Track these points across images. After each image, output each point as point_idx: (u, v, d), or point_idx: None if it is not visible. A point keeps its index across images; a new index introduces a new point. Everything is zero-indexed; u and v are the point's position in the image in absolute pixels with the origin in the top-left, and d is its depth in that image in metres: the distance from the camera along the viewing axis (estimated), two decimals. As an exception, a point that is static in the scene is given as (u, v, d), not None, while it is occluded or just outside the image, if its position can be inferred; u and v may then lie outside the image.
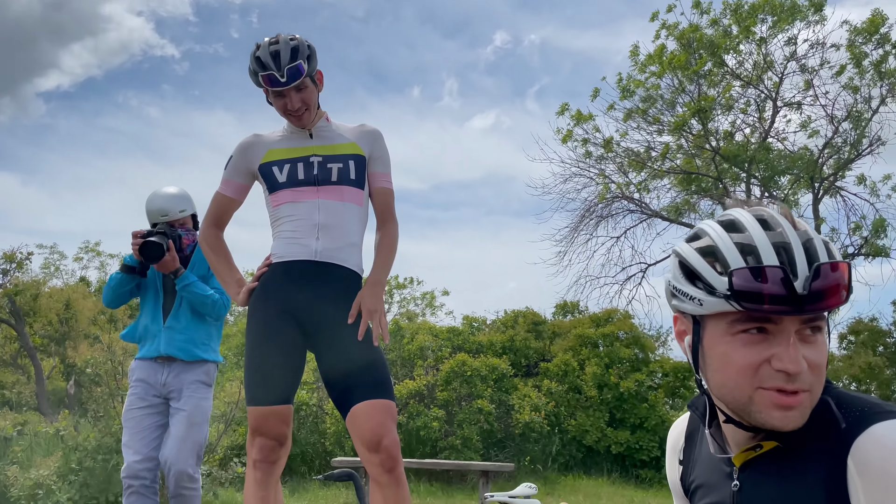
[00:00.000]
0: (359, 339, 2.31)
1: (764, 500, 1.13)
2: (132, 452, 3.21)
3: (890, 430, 0.99)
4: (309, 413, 12.39)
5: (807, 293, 0.99)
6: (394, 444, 2.21)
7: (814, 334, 1.04)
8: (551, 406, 13.11)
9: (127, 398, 3.39)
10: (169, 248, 3.29)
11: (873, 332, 15.32)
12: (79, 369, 10.45)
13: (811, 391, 1.04)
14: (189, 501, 3.18)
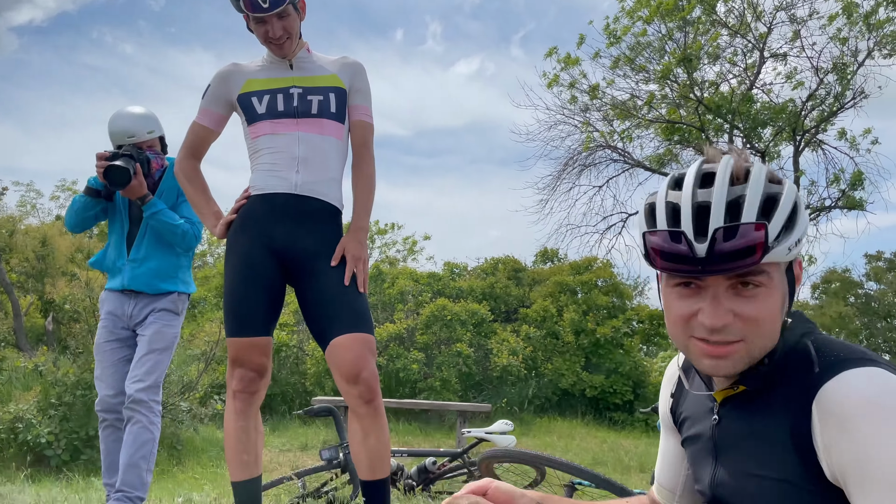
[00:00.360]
0: (345, 284, 2.30)
1: (737, 435, 1.17)
2: (105, 386, 3.12)
3: (857, 376, 1.01)
4: (289, 354, 12.50)
5: (706, 256, 1.03)
6: (372, 377, 2.24)
7: (750, 288, 1.06)
8: (529, 350, 13.32)
9: (97, 330, 3.28)
10: (136, 172, 3.06)
11: (845, 282, 15.63)
12: (57, 306, 10.40)
13: (745, 341, 1.08)
14: (141, 431, 2.97)
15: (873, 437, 0.98)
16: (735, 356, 1.09)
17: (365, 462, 2.25)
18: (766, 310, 1.07)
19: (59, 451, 6.42)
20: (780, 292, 1.09)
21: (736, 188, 1.07)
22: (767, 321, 1.08)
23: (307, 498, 3.73)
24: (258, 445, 2.35)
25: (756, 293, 1.07)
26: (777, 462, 1.09)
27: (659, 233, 1.08)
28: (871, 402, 0.99)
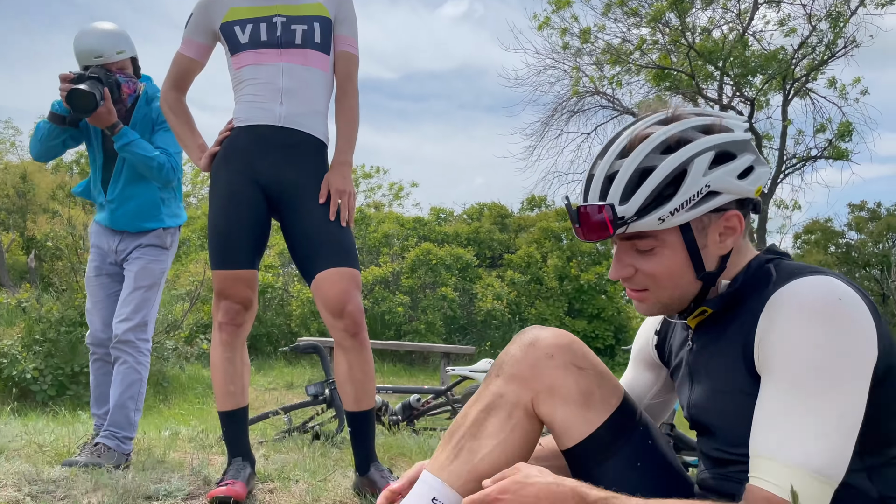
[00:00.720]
0: (330, 219, 2.29)
1: (706, 356, 1.24)
2: (95, 321, 3.07)
3: (805, 281, 1.07)
4: (274, 296, 12.54)
5: (581, 228, 1.18)
6: (358, 311, 2.25)
7: (648, 248, 1.18)
8: (513, 295, 13.45)
9: (88, 263, 3.19)
10: (104, 97, 2.75)
11: (826, 232, 15.80)
12: (39, 243, 10.31)
13: (650, 291, 1.21)
14: (128, 372, 2.90)
15: (793, 331, 1.04)
16: (647, 302, 1.22)
17: (350, 394, 2.28)
18: (661, 267, 1.17)
19: (45, 387, 6.46)
20: (678, 252, 1.17)
21: (617, 162, 1.17)
22: (665, 277, 1.18)
23: (293, 432, 3.79)
24: (244, 377, 2.36)
25: (651, 252, 1.17)
26: (733, 374, 1.15)
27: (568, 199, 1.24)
28: (805, 301, 1.06)
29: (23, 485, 2.20)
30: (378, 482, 2.25)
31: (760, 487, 1.03)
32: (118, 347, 2.90)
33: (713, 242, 1.18)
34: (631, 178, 1.15)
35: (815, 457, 1.00)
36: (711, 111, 1.25)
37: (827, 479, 1.00)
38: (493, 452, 1.28)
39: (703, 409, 1.24)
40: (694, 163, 1.14)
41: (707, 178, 1.14)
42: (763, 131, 15.32)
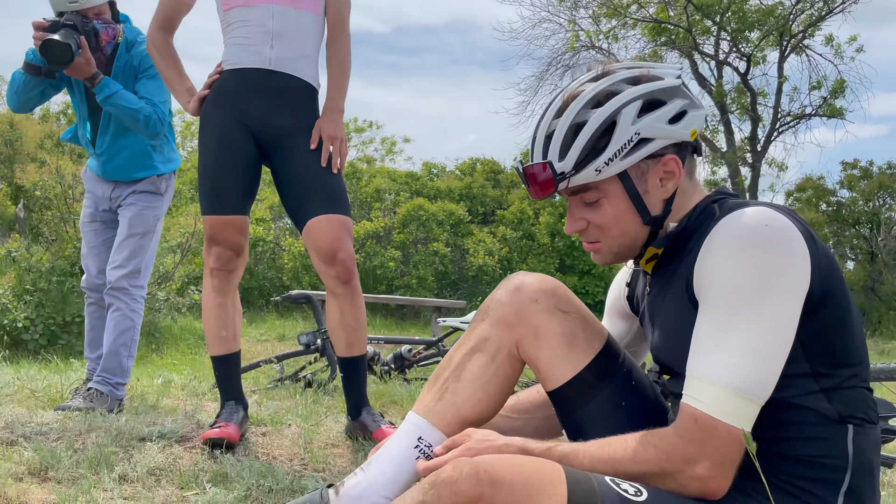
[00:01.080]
0: (322, 165, 2.26)
1: (660, 299, 1.28)
2: (90, 266, 3.06)
3: (744, 212, 1.11)
4: (266, 249, 12.51)
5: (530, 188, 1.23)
6: (349, 258, 2.24)
7: (594, 200, 1.24)
8: (505, 251, 13.47)
9: (82, 209, 3.14)
10: (81, 46, 2.61)
11: (818, 189, 15.83)
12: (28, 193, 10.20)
13: (601, 242, 1.26)
14: (122, 319, 2.87)
15: (721, 258, 1.09)
16: (601, 252, 1.28)
17: (342, 340, 2.29)
18: (608, 217, 1.23)
19: (37, 336, 6.47)
20: (620, 200, 1.23)
21: (554, 121, 1.23)
22: (612, 226, 1.24)
23: (285, 381, 3.82)
24: (236, 322, 2.37)
25: (597, 203, 1.23)
26: (680, 311, 1.19)
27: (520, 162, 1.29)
28: (733, 229, 1.10)
29: (16, 427, 2.22)
30: (369, 426, 2.28)
31: (688, 404, 1.09)
32: (111, 294, 2.89)
33: (654, 187, 1.23)
34: (566, 136, 1.21)
35: (740, 376, 1.05)
36: (643, 63, 1.29)
37: (751, 398, 1.06)
38: (476, 394, 1.34)
39: (662, 350, 1.29)
40: (622, 113, 1.19)
41: (636, 127, 1.19)
42: (759, 88, 15.22)
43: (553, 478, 1.05)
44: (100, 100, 2.76)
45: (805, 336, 1.09)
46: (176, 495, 1.69)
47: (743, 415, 1.06)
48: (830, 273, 1.11)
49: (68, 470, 1.80)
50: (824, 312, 1.10)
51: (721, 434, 1.06)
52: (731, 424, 1.05)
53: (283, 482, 1.79)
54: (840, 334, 1.11)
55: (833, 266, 1.12)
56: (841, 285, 1.12)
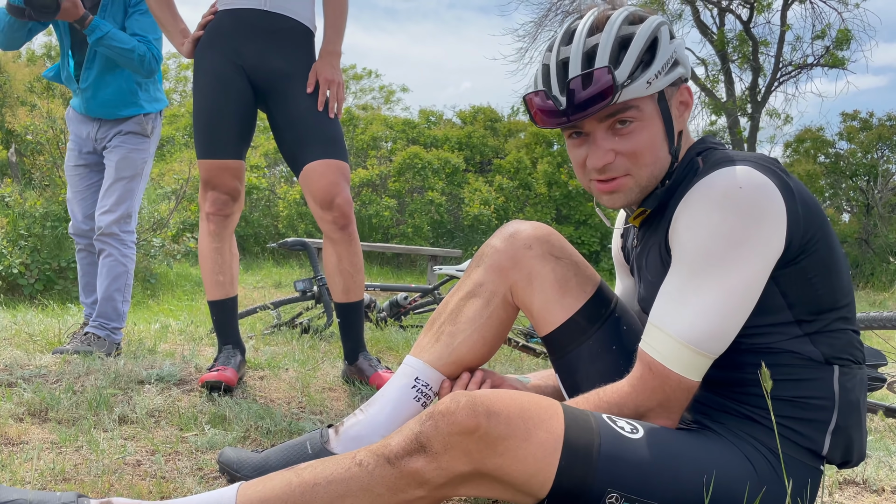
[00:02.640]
0: (318, 109, 2.23)
1: (644, 253, 1.30)
2: (76, 212, 3.01)
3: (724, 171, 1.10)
4: (261, 197, 12.45)
5: (567, 106, 1.16)
6: (346, 203, 2.23)
7: (626, 126, 1.18)
8: (501, 201, 13.43)
9: (66, 152, 3.05)
10: None
11: (817, 141, 15.72)
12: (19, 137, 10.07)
13: (630, 175, 1.20)
14: (114, 265, 2.87)
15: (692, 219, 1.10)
16: (625, 188, 1.21)
17: (340, 285, 2.30)
18: (642, 142, 1.19)
19: (32, 281, 6.46)
20: (656, 123, 1.20)
21: (592, 38, 1.18)
22: (646, 152, 1.19)
23: (282, 327, 3.84)
24: (233, 267, 2.36)
25: (631, 129, 1.18)
26: (658, 267, 1.22)
27: (534, 93, 1.22)
28: (708, 190, 1.10)
29: (15, 369, 2.24)
30: (366, 370, 2.30)
31: (644, 351, 1.15)
32: (102, 240, 2.87)
33: (675, 116, 1.23)
34: (613, 48, 1.17)
35: (696, 331, 1.09)
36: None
37: (704, 353, 1.10)
38: (472, 337, 1.38)
39: (647, 302, 1.31)
40: (661, 31, 1.20)
41: (672, 47, 1.20)
42: (760, 37, 14.97)
43: (550, 412, 1.07)
44: (91, 41, 2.71)
45: (786, 286, 1.11)
46: (175, 435, 1.71)
47: (694, 367, 1.11)
48: (811, 222, 1.11)
49: (68, 411, 1.82)
50: (805, 261, 1.11)
51: (672, 382, 1.12)
52: (682, 375, 1.11)
53: (281, 424, 1.81)
54: (823, 280, 1.13)
55: (815, 214, 1.12)
56: (823, 231, 1.13)
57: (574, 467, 1.04)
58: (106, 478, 1.41)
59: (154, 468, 1.50)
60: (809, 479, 1.13)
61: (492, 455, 1.02)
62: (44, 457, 1.51)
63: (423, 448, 1.03)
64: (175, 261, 7.67)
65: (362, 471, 1.05)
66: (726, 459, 1.09)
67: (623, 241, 1.53)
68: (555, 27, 15.68)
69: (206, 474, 1.49)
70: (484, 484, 1.06)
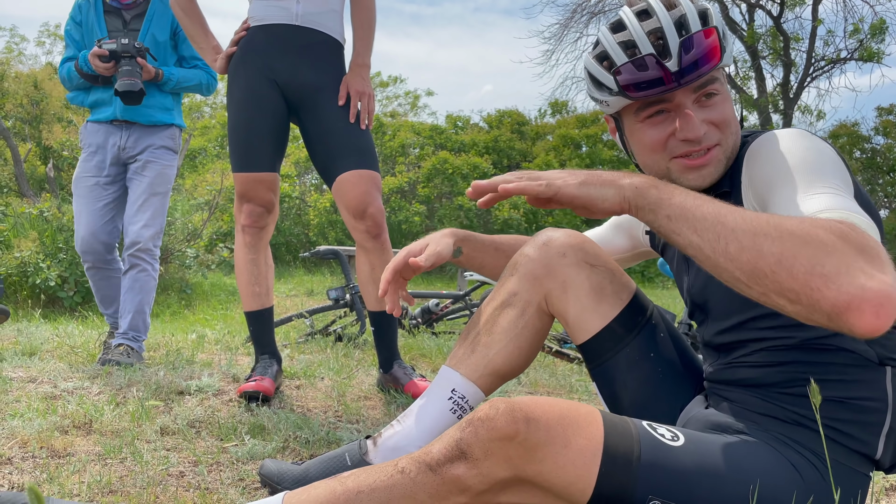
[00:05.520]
0: (350, 121, 2.25)
1: None
2: (84, 225, 2.95)
3: (773, 131, 1.15)
4: (292, 205, 12.58)
5: (679, 69, 1.14)
6: (379, 212, 2.25)
7: (710, 98, 1.19)
8: (529, 205, 13.39)
9: (79, 164, 3.01)
10: (143, 68, 2.87)
11: (853, 136, 15.43)
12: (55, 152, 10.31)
13: (720, 145, 1.19)
14: (144, 279, 2.93)
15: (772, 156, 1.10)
16: (714, 161, 1.19)
17: (373, 294, 2.31)
18: (727, 112, 1.20)
19: (71, 294, 6.60)
20: (728, 97, 1.21)
21: (673, 11, 1.17)
22: (732, 122, 1.20)
23: (316, 335, 3.88)
24: (268, 278, 2.39)
25: (715, 101, 1.19)
26: None
27: (626, 66, 1.17)
28: (775, 136, 1.13)
29: (59, 381, 2.29)
30: (401, 378, 2.31)
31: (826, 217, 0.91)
32: (139, 255, 2.91)
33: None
34: (700, 18, 1.17)
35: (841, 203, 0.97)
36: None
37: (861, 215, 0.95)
38: (507, 347, 1.37)
39: (701, 288, 1.27)
40: (717, 14, 1.19)
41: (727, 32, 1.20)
42: (792, 32, 14.74)
43: (589, 419, 1.06)
44: (168, 90, 3.02)
45: None
46: (216, 446, 1.73)
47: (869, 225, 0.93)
48: (866, 202, 1.10)
49: (111, 422, 1.85)
50: None
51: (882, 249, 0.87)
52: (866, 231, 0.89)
53: (319, 433, 1.83)
54: None
55: (867, 198, 1.11)
56: (876, 219, 1.10)
57: (614, 474, 1.03)
58: (151, 490, 1.43)
59: (197, 479, 1.52)
60: (859, 485, 1.11)
61: (531, 461, 1.02)
62: (90, 469, 1.54)
63: (464, 454, 1.04)
64: (209, 271, 7.79)
65: (405, 478, 1.06)
66: (771, 467, 1.08)
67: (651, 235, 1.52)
68: (580, 29, 15.63)
69: (248, 485, 1.51)
70: (525, 491, 1.06)
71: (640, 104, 1.21)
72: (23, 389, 2.17)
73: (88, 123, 3.07)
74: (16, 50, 20.14)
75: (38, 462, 1.56)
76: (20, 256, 6.62)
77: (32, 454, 1.61)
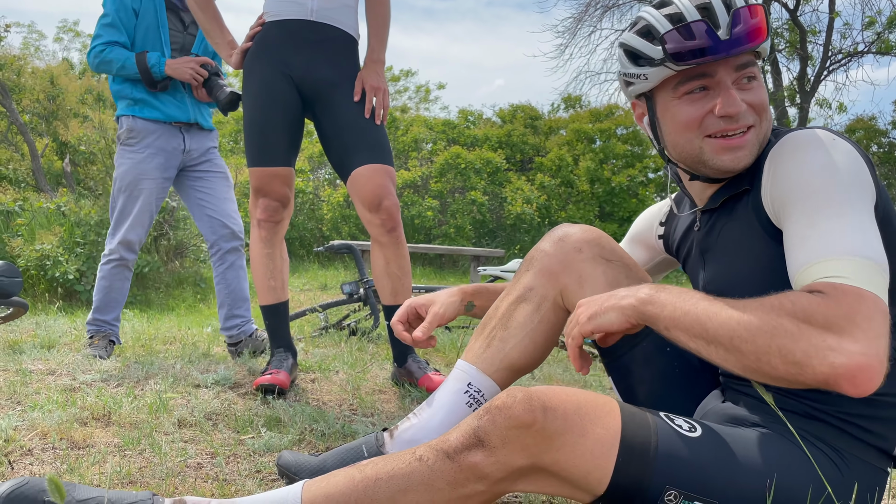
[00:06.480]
0: (365, 116, 2.26)
1: (716, 232, 1.27)
2: (142, 225, 2.94)
3: (800, 132, 1.12)
4: (306, 200, 12.62)
5: (729, 38, 1.14)
6: (394, 206, 2.25)
7: (749, 82, 1.19)
8: (543, 199, 13.36)
9: (134, 163, 2.89)
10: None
11: (870, 130, 15.26)
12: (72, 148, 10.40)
13: (756, 126, 1.18)
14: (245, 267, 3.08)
15: (796, 165, 1.08)
16: (748, 143, 1.18)
17: (388, 288, 2.32)
18: (764, 96, 1.20)
19: (89, 287, 6.67)
20: (763, 85, 1.22)
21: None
22: (768, 108, 1.20)
23: (330, 329, 3.89)
24: (284, 272, 2.41)
25: (753, 85, 1.19)
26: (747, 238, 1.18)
27: (671, 35, 1.16)
28: (800, 141, 1.11)
29: (77, 374, 2.32)
30: (415, 372, 2.32)
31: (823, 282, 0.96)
32: (239, 249, 3.06)
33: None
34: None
35: (861, 245, 0.98)
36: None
37: (880, 266, 0.97)
38: (523, 342, 1.37)
39: (718, 285, 1.27)
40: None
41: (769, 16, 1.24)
42: (808, 25, 14.59)
43: (607, 409, 1.07)
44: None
45: None
46: (233, 439, 1.75)
47: (880, 284, 0.96)
48: (887, 203, 1.10)
49: (129, 415, 1.87)
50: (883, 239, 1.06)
51: (868, 302, 0.92)
52: (875, 293, 0.94)
53: (335, 426, 1.84)
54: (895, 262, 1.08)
55: (888, 198, 1.11)
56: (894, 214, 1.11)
57: (631, 464, 1.03)
58: (170, 480, 1.45)
59: (215, 471, 1.54)
60: (876, 480, 1.10)
61: (549, 450, 1.03)
62: (109, 460, 1.56)
63: (482, 442, 1.04)
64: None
65: (422, 465, 1.07)
66: (788, 461, 1.07)
67: (665, 227, 1.52)
68: (594, 22, 15.53)
69: (265, 476, 1.52)
70: (542, 479, 1.07)
71: (681, 78, 1.19)
72: (42, 381, 2.20)
73: (139, 119, 2.93)
74: (33, 46, 20.32)
75: (59, 453, 1.59)
76: (41, 249, 6.69)
77: (53, 445, 1.63)
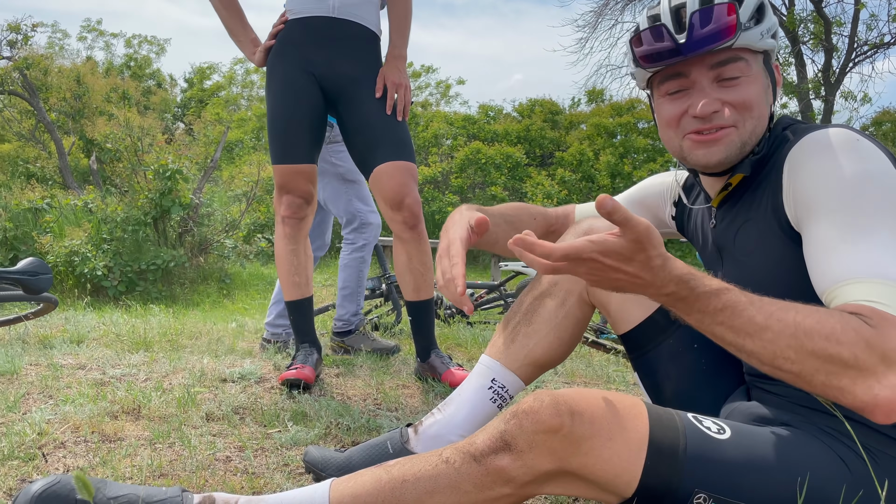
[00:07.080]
0: (387, 112, 2.27)
1: (733, 229, 1.24)
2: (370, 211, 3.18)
3: (821, 132, 1.09)
4: (326, 196, 12.70)
5: (686, 41, 1.14)
6: (416, 203, 2.26)
7: (734, 80, 1.16)
8: (564, 194, 13.32)
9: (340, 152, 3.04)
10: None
11: (896, 123, 15.02)
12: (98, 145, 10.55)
13: (737, 126, 1.16)
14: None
15: (821, 168, 1.04)
16: (726, 140, 1.17)
17: (410, 284, 2.34)
18: (750, 93, 1.16)
19: (115, 283, 6.77)
20: (762, 81, 1.18)
21: None
22: (754, 104, 1.16)
23: (352, 324, 3.91)
24: (308, 268, 2.43)
25: (739, 81, 1.16)
26: (765, 238, 1.16)
27: (642, 36, 1.19)
28: (824, 141, 1.07)
29: (107, 368, 2.36)
30: (438, 367, 2.33)
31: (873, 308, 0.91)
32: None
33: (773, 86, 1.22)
34: None
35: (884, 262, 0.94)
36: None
37: None
38: (547, 337, 1.37)
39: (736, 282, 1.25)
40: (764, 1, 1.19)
41: (774, 20, 1.18)
42: (833, 16, 14.36)
43: (635, 412, 1.06)
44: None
45: None
46: (260, 432, 1.78)
47: None
48: None
49: (159, 408, 1.91)
50: None
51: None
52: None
53: (360, 421, 1.86)
54: None
55: None
56: None
57: (660, 467, 1.03)
58: (200, 473, 1.48)
59: (244, 464, 1.57)
60: None
61: (576, 454, 1.02)
62: (140, 453, 1.59)
63: (508, 446, 1.04)
64: (248, 261, 7.90)
65: (449, 468, 1.07)
66: (819, 460, 1.06)
67: (678, 212, 1.50)
68: (615, 16, 15.42)
69: (293, 470, 1.54)
70: (569, 482, 1.06)
71: (661, 78, 1.21)
72: (73, 376, 2.24)
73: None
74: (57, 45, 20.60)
75: (91, 446, 1.62)
76: (69, 245, 6.80)
77: (84, 438, 1.67)
